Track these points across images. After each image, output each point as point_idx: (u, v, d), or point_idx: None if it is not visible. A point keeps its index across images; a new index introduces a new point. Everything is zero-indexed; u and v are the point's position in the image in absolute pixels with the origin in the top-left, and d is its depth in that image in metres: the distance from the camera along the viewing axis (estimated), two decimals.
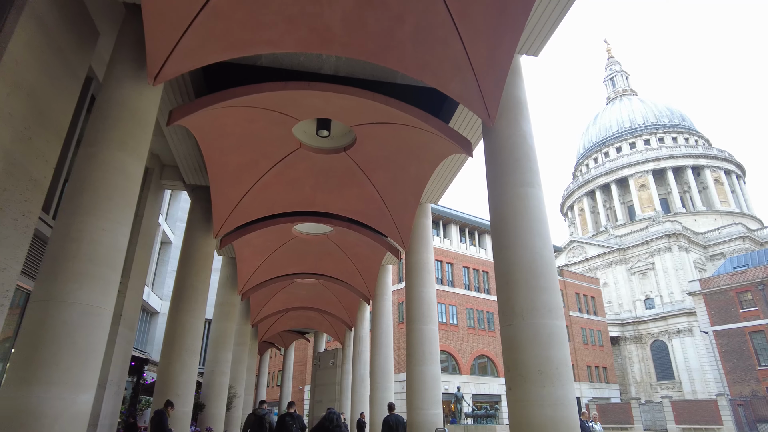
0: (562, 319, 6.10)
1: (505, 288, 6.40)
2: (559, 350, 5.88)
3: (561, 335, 5.99)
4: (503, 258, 6.57)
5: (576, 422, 5.67)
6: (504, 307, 6.36)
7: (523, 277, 6.25)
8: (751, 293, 39.75)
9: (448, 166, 11.34)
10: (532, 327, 5.97)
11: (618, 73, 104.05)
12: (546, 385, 5.68)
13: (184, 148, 10.90)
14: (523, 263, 6.32)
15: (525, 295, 6.15)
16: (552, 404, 5.60)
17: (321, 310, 25.50)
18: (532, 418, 5.62)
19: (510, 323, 6.17)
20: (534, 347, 5.88)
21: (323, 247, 17.05)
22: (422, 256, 12.51)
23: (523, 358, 5.90)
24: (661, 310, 63.94)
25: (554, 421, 5.53)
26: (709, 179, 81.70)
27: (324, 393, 31.07)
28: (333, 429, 4.72)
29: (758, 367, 38.61)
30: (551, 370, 5.73)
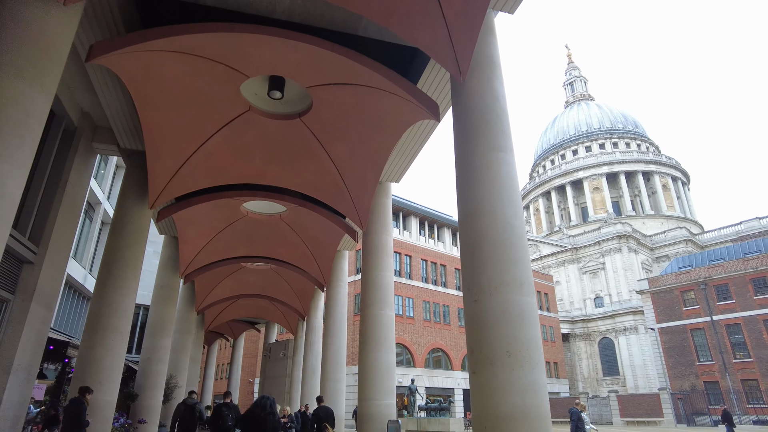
0: (533, 296, 5.44)
1: (471, 260, 5.69)
2: (530, 330, 5.22)
3: (532, 313, 5.34)
4: (470, 227, 5.86)
5: (547, 411, 5.03)
6: (469, 281, 5.65)
7: (492, 248, 5.56)
8: (694, 292, 41.35)
9: (412, 138, 10.59)
10: (500, 303, 5.28)
11: (577, 78, 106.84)
12: (515, 369, 5.01)
13: (116, 104, 9.65)
14: (492, 233, 5.63)
15: (494, 268, 5.46)
16: (522, 390, 4.94)
17: (272, 299, 24.33)
18: (499, 406, 4.94)
19: (476, 299, 5.46)
20: (502, 326, 5.19)
21: (275, 229, 15.98)
22: (381, 237, 11.74)
23: (489, 338, 5.21)
24: (609, 308, 66.06)
25: (524, 410, 4.87)
26: (658, 185, 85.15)
27: (274, 385, 29.90)
28: (264, 417, 3.88)
29: (697, 362, 40.24)
30: (521, 352, 5.06)
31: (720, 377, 38.79)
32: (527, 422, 4.85)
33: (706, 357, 39.96)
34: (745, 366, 37.98)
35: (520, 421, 4.84)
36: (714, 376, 39.16)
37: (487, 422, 5.00)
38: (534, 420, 4.87)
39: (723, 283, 40.00)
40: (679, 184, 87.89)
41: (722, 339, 39.25)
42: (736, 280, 39.36)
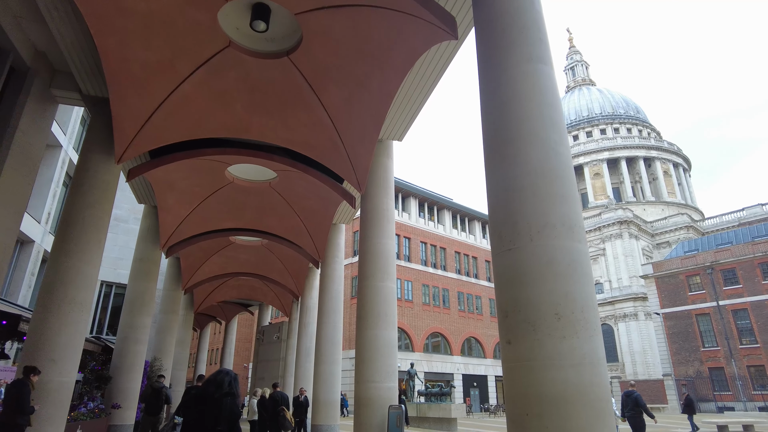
0: (585, 243, 4.15)
1: (504, 198, 4.38)
2: (585, 285, 3.94)
3: (585, 264, 4.05)
4: (501, 157, 4.54)
5: (608, 391, 3.76)
6: (501, 226, 4.35)
7: (533, 182, 4.24)
8: (700, 277, 40.33)
9: (419, 81, 9.18)
10: (545, 250, 3.99)
11: (578, 63, 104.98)
12: (567, 336, 3.72)
13: (72, 37, 8.23)
14: (532, 162, 4.32)
15: (536, 206, 4.16)
16: (576, 364, 3.67)
17: (265, 278, 23.05)
18: (546, 384, 3.67)
19: (510, 247, 4.16)
20: (548, 280, 3.90)
21: (265, 199, 14.63)
22: (382, 202, 10.41)
23: (531, 297, 3.91)
24: (609, 294, 65.17)
25: (581, 390, 3.60)
26: (659, 171, 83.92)
27: (267, 369, 28.79)
28: (219, 398, 2.64)
29: (702, 348, 39.36)
30: (574, 314, 3.78)
31: (725, 363, 37.91)
32: (585, 405, 3.58)
33: (711, 343, 39.05)
34: (751, 352, 37.10)
35: (576, 404, 3.57)
36: (719, 362, 38.29)
37: (529, 406, 3.72)
38: (594, 402, 3.60)
39: (730, 268, 38.95)
40: (680, 170, 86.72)
41: (728, 324, 38.30)
42: (744, 265, 38.30)
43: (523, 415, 3.75)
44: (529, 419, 3.68)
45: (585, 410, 3.57)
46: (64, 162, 18.98)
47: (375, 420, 8.80)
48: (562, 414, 3.56)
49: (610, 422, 3.66)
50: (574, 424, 3.53)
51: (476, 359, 39.61)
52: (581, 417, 3.55)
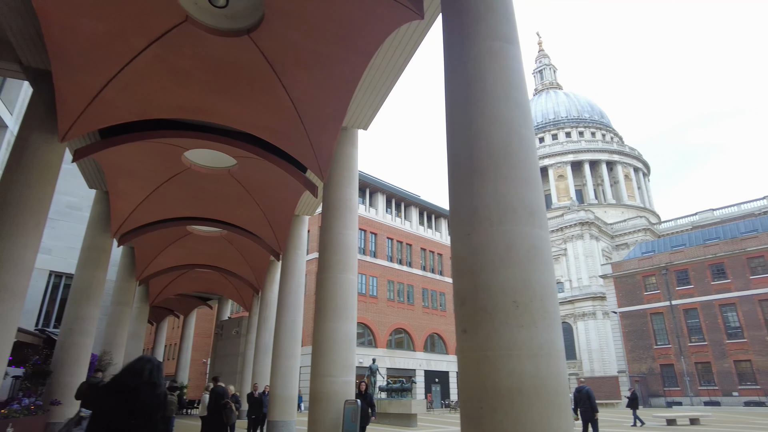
0: (547, 230, 3.99)
1: (465, 181, 4.17)
2: (545, 273, 3.78)
3: (546, 252, 3.88)
4: (463, 138, 4.33)
5: (566, 384, 3.60)
6: (460, 211, 4.14)
7: (496, 164, 4.05)
8: (655, 278, 41.72)
9: (385, 66, 8.90)
10: (505, 236, 3.80)
11: (547, 67, 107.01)
12: (525, 325, 3.54)
13: None
14: (494, 144, 4.12)
15: (497, 190, 3.96)
16: (534, 355, 3.49)
17: (224, 271, 22.37)
18: (502, 376, 3.47)
19: (470, 232, 3.96)
20: (507, 266, 3.71)
21: (224, 187, 14.09)
22: (345, 191, 10.11)
23: (489, 284, 3.71)
24: (569, 294, 66.80)
25: (537, 382, 3.43)
26: (620, 175, 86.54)
27: (225, 365, 28.09)
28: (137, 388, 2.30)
29: (655, 346, 40.76)
30: (533, 302, 3.61)
31: (676, 360, 39.38)
32: (542, 398, 3.41)
33: (664, 341, 40.49)
34: (699, 349, 38.65)
35: (532, 398, 3.39)
36: (670, 359, 39.74)
37: (483, 399, 3.52)
38: (552, 395, 3.43)
39: (683, 269, 40.45)
40: (640, 174, 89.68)
41: (679, 323, 39.79)
42: (696, 266, 39.85)
43: (477, 408, 3.55)
44: (482, 413, 3.49)
45: (542, 404, 3.40)
46: (9, 144, 17.85)
47: (330, 415, 8.53)
48: (518, 408, 3.38)
49: (567, 416, 3.50)
50: (530, 418, 3.35)
51: (439, 355, 39.82)
52: (538, 411, 3.38)
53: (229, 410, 10.26)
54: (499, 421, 3.39)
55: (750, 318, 36.86)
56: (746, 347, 36.69)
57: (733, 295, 37.80)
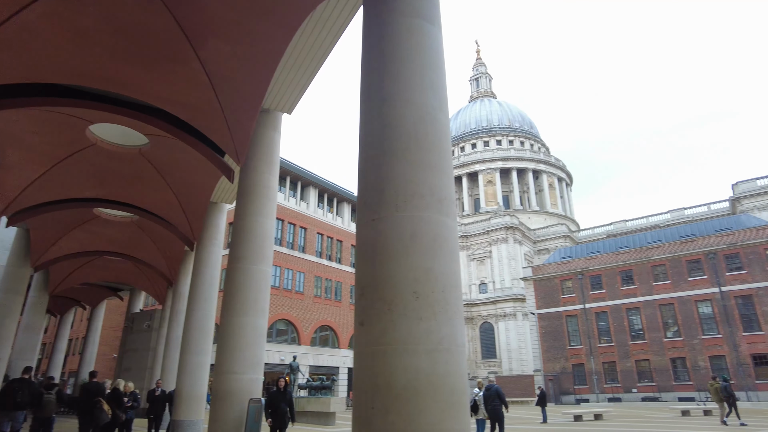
0: (454, 219, 3.77)
1: (375, 163, 3.87)
2: (449, 263, 3.54)
3: (452, 241, 3.65)
4: (377, 118, 4.02)
5: (464, 382, 3.38)
6: (368, 194, 3.83)
7: (405, 147, 3.77)
8: (572, 282, 44.14)
9: (311, 45, 8.44)
10: (410, 222, 3.52)
11: (483, 75, 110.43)
12: (424, 318, 3.28)
13: None
14: (407, 126, 3.85)
15: (405, 174, 3.68)
16: (431, 350, 3.23)
17: (136, 260, 20.82)
18: (396, 373, 3.19)
19: (375, 217, 3.65)
20: (411, 254, 3.44)
21: (135, 168, 12.96)
22: (263, 177, 9.56)
23: (390, 272, 3.43)
24: (492, 294, 69.34)
25: (432, 380, 3.17)
26: (545, 183, 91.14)
27: (134, 360, 26.25)
28: None
29: (568, 346, 43.12)
30: (435, 294, 3.35)
31: (586, 360, 41.87)
32: (438, 397, 3.16)
33: (577, 342, 42.91)
34: (607, 350, 41.33)
35: (427, 396, 3.13)
36: (581, 359, 42.18)
37: (375, 398, 3.22)
38: (448, 394, 3.19)
39: (597, 274, 43.08)
40: (563, 184, 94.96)
41: (591, 325, 42.34)
42: (608, 272, 42.57)
43: (367, 409, 3.24)
44: (373, 414, 3.19)
45: (437, 403, 3.15)
46: None
47: (232, 414, 7.98)
48: (412, 407, 3.11)
49: (464, 417, 3.28)
50: (424, 419, 3.09)
51: None
52: (432, 411, 3.12)
53: (99, 410, 9.29)
54: (391, 423, 3.10)
55: (651, 321, 39.93)
56: (646, 348, 39.69)
57: (638, 300, 40.77)
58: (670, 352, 38.75)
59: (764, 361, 35.19)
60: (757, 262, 36.90)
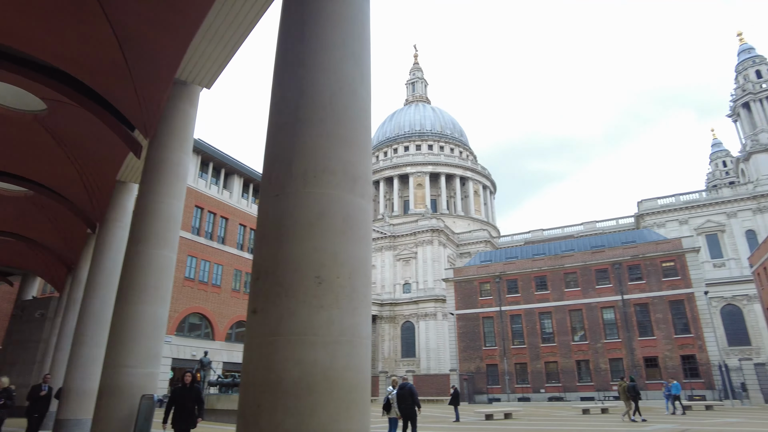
0: (369, 201, 3.47)
1: (284, 132, 3.49)
2: (359, 247, 3.22)
3: (365, 223, 3.34)
4: (292, 84, 3.63)
5: (367, 379, 3.08)
6: (273, 166, 3.44)
7: (319, 117, 3.42)
8: (490, 285, 45.79)
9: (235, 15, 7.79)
10: (318, 200, 3.17)
11: (419, 80, 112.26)
12: (326, 306, 2.94)
13: None
14: (323, 95, 3.49)
15: (316, 146, 3.32)
16: (332, 341, 2.90)
17: (30, 240, 18.76)
18: (289, 367, 2.83)
19: (279, 192, 3.26)
20: (316, 236, 3.09)
21: (31, 136, 11.57)
22: (173, 154, 8.75)
23: (292, 254, 3.05)
24: (415, 294, 70.55)
25: (331, 375, 2.84)
26: (471, 190, 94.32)
27: (23, 352, 23.68)
28: None
29: (484, 347, 44.66)
30: (340, 279, 3.02)
31: (499, 361, 43.58)
32: (335, 395, 2.82)
33: (492, 343, 44.55)
34: (519, 351, 43.28)
35: (323, 394, 2.79)
36: (495, 359, 43.85)
37: (264, 395, 2.84)
38: (348, 391, 2.87)
39: (513, 279, 45.00)
40: (488, 192, 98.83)
41: (506, 327, 44.14)
42: (524, 277, 44.60)
43: (254, 407, 2.85)
44: (259, 413, 2.80)
45: (334, 401, 2.82)
46: None
47: (122, 413, 7.20)
48: (304, 405, 2.76)
49: (362, 416, 2.97)
50: (317, 418, 2.75)
51: None
52: (328, 409, 2.79)
53: None
54: (279, 423, 2.73)
55: (561, 325, 42.32)
56: (555, 350, 42.01)
57: (550, 305, 43.06)
58: (576, 355, 41.26)
59: (654, 364, 38.45)
60: (654, 273, 40.24)
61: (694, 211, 62.80)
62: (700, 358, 37.13)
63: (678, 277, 39.33)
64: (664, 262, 40.18)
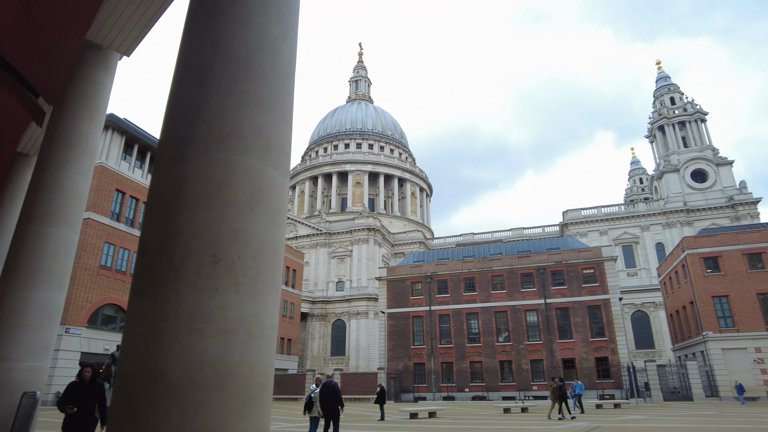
0: (286, 175, 3.08)
1: (189, 88, 3.03)
2: (269, 226, 2.83)
3: (278, 199, 2.95)
4: (202, 32, 3.18)
5: (267, 375, 2.69)
6: (173, 126, 2.97)
7: (231, 73, 2.99)
8: (421, 284, 46.37)
9: None
10: (222, 167, 2.75)
11: (363, 78, 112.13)
12: (222, 289, 2.53)
13: None
14: (237, 50, 3.07)
15: (224, 107, 2.89)
16: (226, 330, 2.49)
17: None
18: (173, 359, 2.40)
19: (177, 156, 2.80)
20: (216, 208, 2.66)
21: None
22: (82, 124, 7.83)
23: (186, 227, 2.61)
24: (348, 293, 70.23)
25: (221, 370, 2.44)
26: (408, 191, 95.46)
27: None
28: None
29: (412, 346, 45.14)
30: (242, 259, 2.62)
31: (427, 360, 44.21)
32: (228, 392, 2.42)
33: (420, 342, 45.12)
34: (446, 351, 44.13)
35: (210, 390, 2.38)
36: (422, 358, 44.43)
37: (139, 392, 2.38)
38: (240, 388, 2.47)
39: (444, 279, 45.83)
40: (424, 194, 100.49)
41: (434, 327, 44.86)
42: (454, 278, 45.55)
43: (127, 406, 2.39)
44: (134, 413, 2.34)
45: (225, 399, 2.41)
46: None
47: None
48: (187, 404, 2.33)
49: (260, 417, 2.59)
50: (203, 419, 2.34)
51: None
52: (217, 409, 2.38)
53: None
54: (156, 424, 2.29)
55: (487, 326, 43.60)
56: (480, 350, 43.23)
57: (478, 306, 44.27)
58: (500, 356, 42.66)
59: (572, 365, 40.53)
60: (575, 279, 42.44)
61: (613, 223, 67.17)
62: (612, 360, 39.59)
63: (596, 284, 41.73)
64: (584, 269, 42.48)
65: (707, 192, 66.00)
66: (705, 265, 37.76)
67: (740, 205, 63.00)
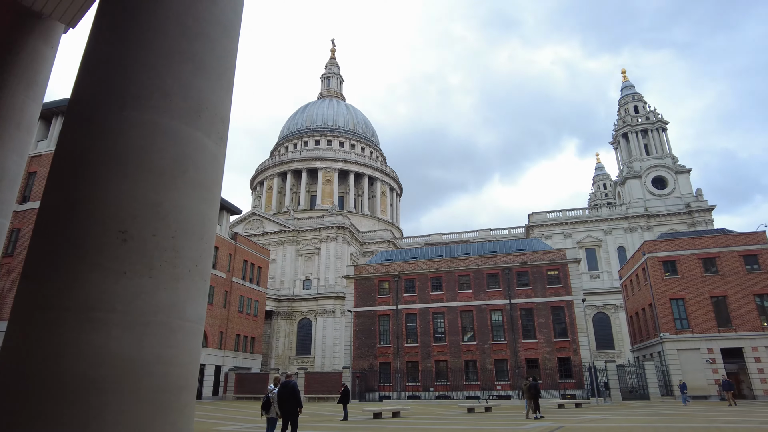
0: (219, 144, 2.66)
1: (104, 40, 2.57)
2: (195, 201, 2.42)
3: (209, 171, 2.54)
4: None
5: (189, 376, 2.28)
6: (86, 81, 2.52)
7: (160, 26, 2.55)
8: (389, 283, 46.12)
9: None
10: (141, 130, 2.33)
11: (335, 75, 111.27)
12: (132, 273, 2.12)
13: None
14: (173, 8, 2.62)
15: (149, 64, 2.47)
16: (135, 322, 2.09)
17: None
18: (69, 356, 1.99)
19: (88, 117, 2.37)
20: (128, 177, 2.25)
21: None
22: (17, 99, 7.14)
23: (92, 200, 2.17)
24: (315, 291, 69.41)
25: (130, 368, 2.05)
26: (378, 190, 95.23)
27: None
28: None
29: (378, 345, 44.84)
30: (157, 238, 2.22)
31: (392, 359, 43.99)
32: (135, 396, 2.03)
33: (386, 341, 44.87)
34: (412, 350, 44.02)
35: (116, 393, 1.98)
36: (388, 357, 44.20)
37: (26, 393, 1.95)
38: (153, 391, 2.06)
39: (412, 278, 45.72)
40: (394, 194, 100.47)
41: (401, 326, 44.70)
42: (421, 277, 45.49)
43: (8, 413, 1.94)
44: (15, 420, 1.90)
45: (135, 404, 2.00)
46: None
47: None
48: (87, 410, 1.91)
49: (182, 425, 2.18)
50: (105, 428, 1.91)
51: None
52: (126, 416, 1.97)
53: None
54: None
55: (452, 325, 43.72)
56: (445, 350, 43.31)
57: (444, 305, 44.34)
58: (465, 355, 42.83)
59: (535, 365, 41.07)
60: (540, 280, 43.03)
61: (577, 226, 68.66)
62: (574, 360, 40.31)
63: (560, 285, 42.41)
64: (549, 271, 43.11)
65: (666, 198, 68.25)
66: (664, 269, 38.88)
67: (696, 212, 65.40)
